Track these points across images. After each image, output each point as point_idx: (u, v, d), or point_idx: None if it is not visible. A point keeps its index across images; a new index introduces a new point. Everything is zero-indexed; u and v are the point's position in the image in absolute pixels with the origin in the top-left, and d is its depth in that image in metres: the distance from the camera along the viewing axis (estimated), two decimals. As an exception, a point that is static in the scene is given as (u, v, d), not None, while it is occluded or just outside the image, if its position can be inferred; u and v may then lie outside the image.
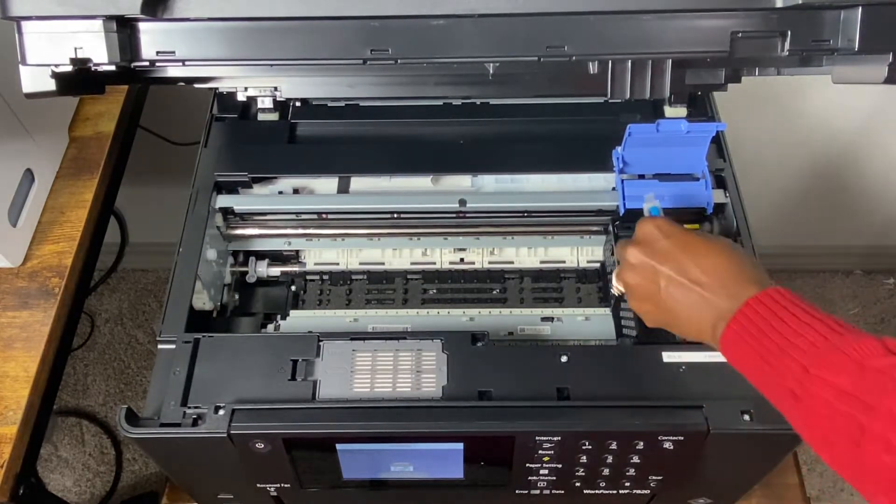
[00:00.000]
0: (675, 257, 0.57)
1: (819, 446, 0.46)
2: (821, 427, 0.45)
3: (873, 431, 0.41)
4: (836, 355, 0.45)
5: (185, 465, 0.71)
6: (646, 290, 0.59)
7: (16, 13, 0.68)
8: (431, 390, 0.65)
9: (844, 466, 0.44)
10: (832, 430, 0.44)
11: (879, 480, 0.41)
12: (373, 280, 0.84)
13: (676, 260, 0.57)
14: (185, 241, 0.75)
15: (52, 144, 0.97)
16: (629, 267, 0.61)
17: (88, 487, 1.56)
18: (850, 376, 0.43)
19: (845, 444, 0.43)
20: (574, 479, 0.70)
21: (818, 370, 0.45)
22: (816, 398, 0.44)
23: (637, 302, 0.62)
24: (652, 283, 0.58)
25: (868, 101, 1.31)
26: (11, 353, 0.82)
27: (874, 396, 0.42)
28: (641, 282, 0.60)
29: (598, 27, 0.71)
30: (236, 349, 0.68)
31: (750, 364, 0.51)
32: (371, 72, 0.80)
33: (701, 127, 0.72)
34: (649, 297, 0.59)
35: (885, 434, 0.41)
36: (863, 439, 0.42)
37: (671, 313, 0.58)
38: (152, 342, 1.70)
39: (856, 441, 0.42)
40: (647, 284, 0.59)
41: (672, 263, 0.57)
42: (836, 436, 0.43)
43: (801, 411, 0.46)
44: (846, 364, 0.44)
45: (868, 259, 1.76)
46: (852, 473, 0.44)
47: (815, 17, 0.71)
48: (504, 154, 0.82)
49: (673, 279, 0.56)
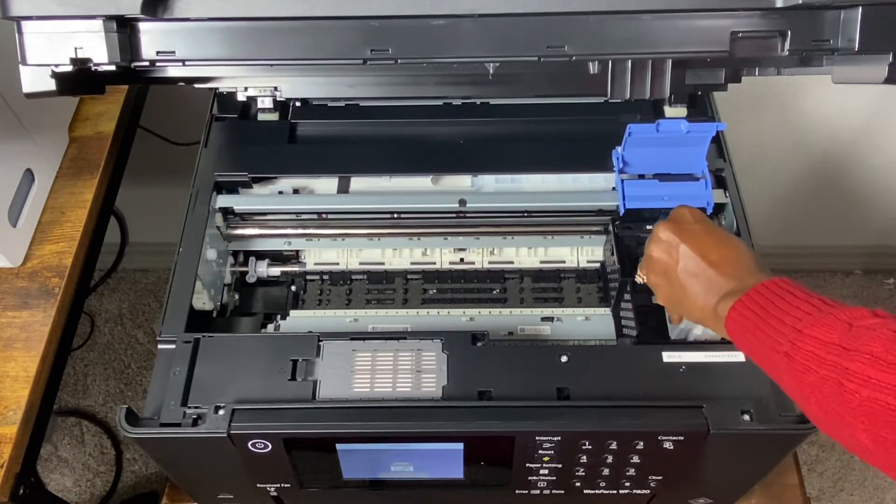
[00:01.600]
0: (699, 239, 0.62)
1: (806, 399, 0.49)
2: (809, 379, 0.48)
3: (853, 370, 0.45)
4: (828, 318, 0.49)
5: (185, 465, 0.71)
6: (665, 264, 0.64)
7: (16, 13, 0.68)
8: (431, 390, 0.65)
9: (829, 415, 0.47)
10: (819, 378, 0.47)
11: (858, 415, 0.44)
12: (373, 280, 0.84)
13: (699, 241, 0.62)
14: (185, 241, 0.75)
15: (52, 144, 0.97)
16: (656, 241, 0.65)
17: (88, 487, 1.56)
18: (839, 333, 0.47)
19: (830, 388, 0.46)
20: (574, 479, 0.70)
21: (811, 330, 0.49)
22: (807, 353, 0.48)
23: (653, 275, 0.65)
24: (671, 258, 0.63)
25: (868, 101, 1.31)
26: (11, 353, 0.82)
27: (858, 343, 0.46)
28: (662, 255, 0.64)
29: (598, 27, 0.71)
30: (236, 349, 0.68)
31: (750, 337, 0.55)
32: (371, 72, 0.80)
33: (701, 127, 0.72)
34: (666, 271, 0.63)
35: (864, 371, 0.44)
36: (844, 379, 0.45)
37: (682, 289, 0.62)
38: (152, 342, 1.70)
39: (838, 383, 0.45)
40: (667, 259, 0.63)
41: (694, 242, 0.62)
42: (823, 383, 0.47)
43: (793, 367, 0.49)
44: (836, 324, 0.48)
45: (868, 259, 1.76)
46: (836, 418, 0.46)
47: (815, 17, 0.71)
48: (504, 154, 0.82)
49: (692, 257, 0.62)
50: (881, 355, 0.44)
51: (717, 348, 0.67)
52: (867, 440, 0.44)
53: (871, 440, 0.44)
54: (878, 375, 0.43)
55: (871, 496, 1.55)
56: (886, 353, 0.44)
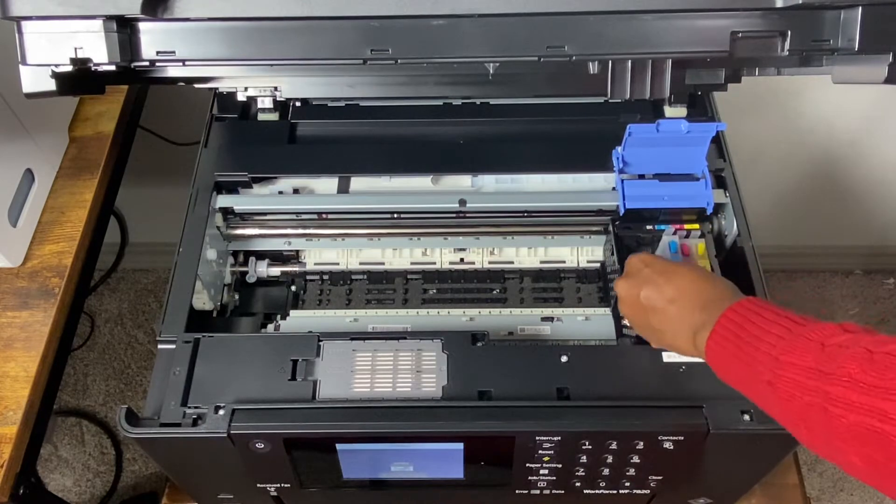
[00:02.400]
0: (651, 281, 0.64)
1: (796, 426, 0.49)
2: (795, 406, 0.48)
3: (835, 395, 0.45)
4: (800, 341, 0.49)
5: (185, 465, 0.71)
6: (638, 316, 0.65)
7: (16, 13, 0.68)
8: (431, 390, 0.65)
9: (819, 439, 0.47)
10: (804, 405, 0.47)
11: (847, 439, 0.44)
12: (373, 280, 0.84)
13: (652, 283, 0.63)
14: (185, 241, 0.75)
15: (52, 144, 0.97)
16: (620, 300, 0.67)
17: (88, 487, 1.56)
18: (813, 355, 0.48)
19: (817, 415, 0.46)
20: (574, 479, 0.70)
21: (787, 357, 0.49)
22: (788, 381, 0.49)
23: (638, 329, 0.67)
24: (640, 309, 0.64)
25: (868, 101, 1.31)
26: (11, 353, 0.82)
27: (834, 366, 0.46)
28: (632, 311, 0.66)
29: (598, 27, 0.71)
30: (236, 349, 0.68)
31: (731, 369, 0.55)
32: (371, 72, 0.80)
33: (701, 127, 0.72)
34: (643, 322, 0.65)
35: (845, 395, 0.44)
36: (828, 404, 0.45)
37: (661, 334, 0.63)
38: (152, 342, 1.70)
39: (823, 409, 0.46)
40: (637, 311, 0.65)
41: (648, 287, 0.63)
42: (808, 410, 0.47)
43: (778, 397, 0.50)
44: (810, 346, 0.49)
45: (868, 259, 1.76)
46: (827, 443, 0.47)
47: (815, 17, 0.71)
48: (504, 154, 0.82)
49: (652, 304, 0.63)
50: (858, 377, 0.44)
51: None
52: (860, 462, 0.44)
53: (863, 462, 0.44)
54: (860, 399, 0.44)
55: (871, 496, 1.55)
56: (864, 374, 0.44)
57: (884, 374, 0.43)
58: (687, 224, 0.77)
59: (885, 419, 0.42)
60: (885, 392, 0.43)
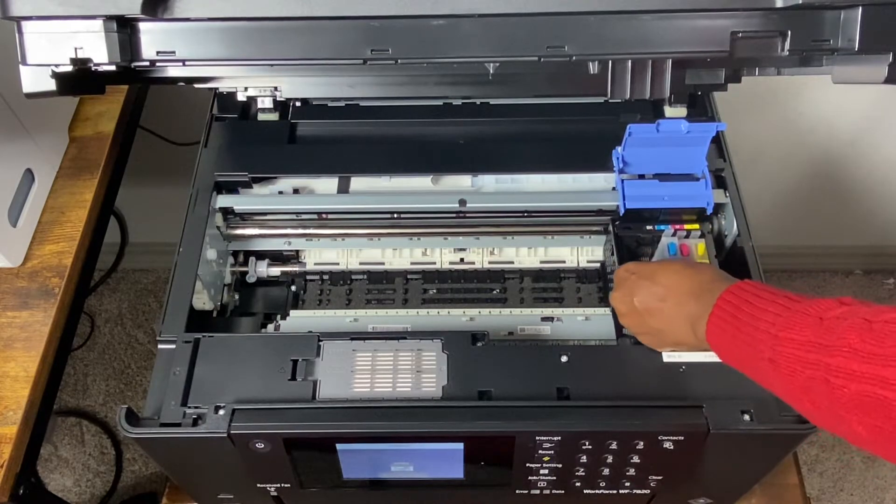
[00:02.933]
0: (641, 284, 0.65)
1: (800, 400, 0.50)
2: (797, 381, 0.49)
3: (836, 366, 0.46)
4: (798, 317, 0.50)
5: (185, 465, 0.71)
6: (637, 324, 0.66)
7: (16, 13, 0.68)
8: (431, 390, 0.65)
9: (823, 412, 0.48)
10: (806, 379, 0.48)
11: (850, 409, 0.45)
12: (373, 280, 0.84)
13: (642, 286, 0.65)
14: (185, 241, 0.75)
15: (52, 144, 0.97)
16: (618, 313, 0.69)
17: (88, 487, 1.56)
18: (812, 329, 0.48)
19: (819, 387, 0.47)
20: (574, 479, 0.70)
21: (786, 333, 0.50)
22: (789, 356, 0.49)
23: (641, 337, 0.67)
24: (637, 317, 0.65)
25: (868, 101, 1.31)
26: (11, 353, 0.82)
27: (834, 338, 0.46)
28: (631, 320, 0.67)
29: (598, 27, 0.71)
30: (236, 349, 0.68)
31: (732, 351, 0.56)
32: (371, 72, 0.80)
33: (701, 127, 0.72)
34: (642, 329, 0.66)
35: (846, 366, 0.45)
36: (829, 376, 0.46)
37: (662, 333, 0.64)
38: (152, 342, 1.70)
39: (825, 381, 0.46)
40: (636, 318, 0.66)
41: (641, 291, 0.65)
42: (811, 383, 0.47)
43: (779, 373, 0.50)
44: (808, 321, 0.49)
45: (868, 259, 1.76)
46: (831, 414, 0.47)
47: (815, 17, 0.71)
48: (504, 154, 0.82)
49: (647, 305, 0.64)
50: (858, 346, 0.45)
51: (717, 348, 0.67)
52: (864, 432, 0.45)
53: (867, 431, 0.44)
54: (861, 368, 0.44)
55: (871, 496, 1.55)
56: (863, 344, 0.45)
57: (883, 342, 0.44)
58: (687, 224, 0.77)
59: (887, 386, 0.43)
60: (884, 360, 0.43)
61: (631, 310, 0.66)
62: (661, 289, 0.63)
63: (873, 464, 1.58)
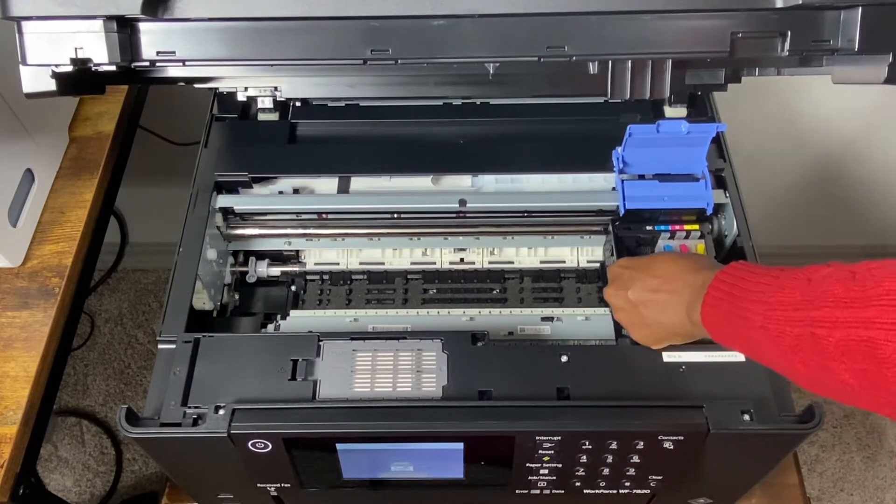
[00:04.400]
0: (636, 280, 0.66)
1: (791, 363, 0.49)
2: (786, 342, 0.48)
3: (820, 318, 0.46)
4: (788, 281, 0.50)
5: (185, 465, 0.71)
6: (632, 319, 0.67)
7: (16, 13, 0.68)
8: (431, 390, 0.65)
9: (814, 370, 0.47)
10: (794, 338, 0.48)
11: (836, 357, 0.45)
12: (373, 280, 0.84)
13: (636, 281, 0.66)
14: (185, 241, 0.75)
15: (52, 144, 0.97)
16: (613, 308, 0.70)
17: (88, 487, 1.56)
18: (801, 290, 0.48)
19: (806, 343, 0.47)
20: (574, 479, 0.70)
21: (776, 297, 0.50)
22: (779, 318, 0.49)
23: (634, 333, 0.68)
24: (632, 311, 0.66)
25: (868, 101, 1.31)
26: (11, 353, 0.82)
27: (819, 292, 0.47)
28: (625, 315, 0.67)
29: (598, 27, 0.71)
30: (236, 349, 0.68)
31: (726, 329, 0.56)
32: (371, 72, 0.80)
33: (701, 127, 0.72)
34: (637, 323, 0.66)
35: (831, 315, 0.45)
36: (814, 328, 0.46)
37: (658, 326, 0.64)
38: (152, 342, 1.70)
39: (811, 335, 0.46)
40: (630, 314, 0.66)
41: (634, 284, 0.66)
42: (799, 341, 0.47)
43: (769, 338, 0.50)
44: (796, 284, 0.49)
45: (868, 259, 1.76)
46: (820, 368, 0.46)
47: (815, 17, 0.71)
48: (504, 154, 0.82)
49: (641, 297, 0.65)
50: (842, 295, 0.45)
51: (717, 348, 0.67)
52: (851, 379, 0.44)
53: (854, 378, 0.44)
54: (843, 314, 0.44)
55: (871, 496, 1.55)
56: (847, 291, 0.45)
57: (864, 286, 0.44)
58: (687, 224, 0.77)
59: (870, 325, 0.42)
60: (865, 301, 0.43)
61: (625, 303, 0.66)
62: (655, 280, 0.64)
63: (873, 464, 1.58)
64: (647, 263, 0.67)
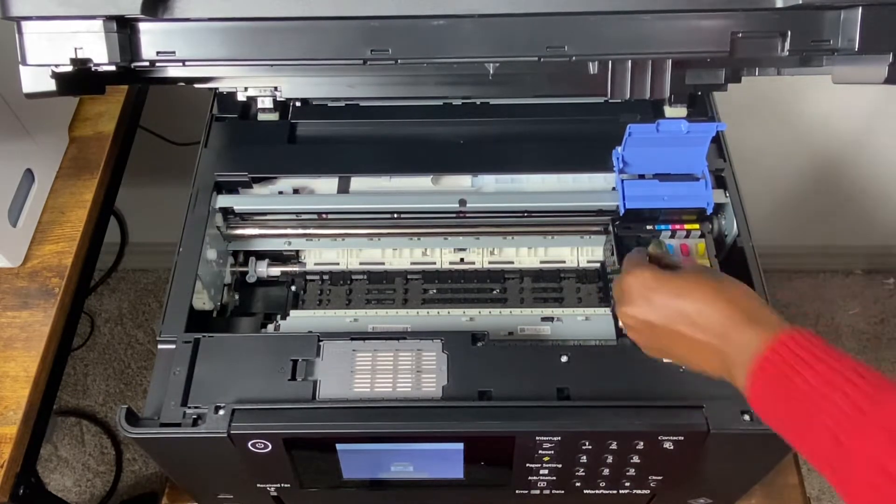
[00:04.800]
0: (667, 308, 0.57)
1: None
2: (867, 498, 0.44)
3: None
4: (869, 429, 0.44)
5: (185, 465, 0.71)
6: (650, 345, 0.62)
7: (16, 13, 0.68)
8: (431, 390, 0.65)
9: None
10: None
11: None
12: (373, 280, 0.84)
13: (668, 309, 0.57)
14: (185, 241, 0.75)
15: (52, 144, 0.97)
16: (627, 327, 0.63)
17: (88, 487, 1.56)
18: (884, 447, 0.42)
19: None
20: (574, 479, 0.70)
21: (852, 442, 0.44)
22: (857, 479, 0.43)
23: (649, 352, 0.63)
24: (653, 338, 0.60)
25: (868, 101, 1.31)
26: (11, 353, 0.82)
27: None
28: (643, 340, 0.62)
29: (598, 27, 0.71)
30: (236, 349, 0.68)
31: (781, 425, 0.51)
32: (371, 72, 0.80)
33: (701, 127, 0.72)
34: (655, 349, 0.62)
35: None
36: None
37: (683, 362, 0.59)
38: (152, 342, 1.70)
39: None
40: (649, 340, 0.61)
41: (666, 314, 0.57)
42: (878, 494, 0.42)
43: (841, 483, 0.45)
44: (880, 437, 0.43)
45: (868, 259, 1.76)
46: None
47: (815, 17, 0.71)
48: (504, 154, 0.82)
49: (672, 328, 0.57)
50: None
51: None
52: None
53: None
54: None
55: (871, 496, 1.55)
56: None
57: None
58: (687, 224, 0.77)
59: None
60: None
61: (646, 329, 0.59)
62: (690, 315, 0.55)
63: (873, 464, 1.57)
64: (680, 290, 0.57)
